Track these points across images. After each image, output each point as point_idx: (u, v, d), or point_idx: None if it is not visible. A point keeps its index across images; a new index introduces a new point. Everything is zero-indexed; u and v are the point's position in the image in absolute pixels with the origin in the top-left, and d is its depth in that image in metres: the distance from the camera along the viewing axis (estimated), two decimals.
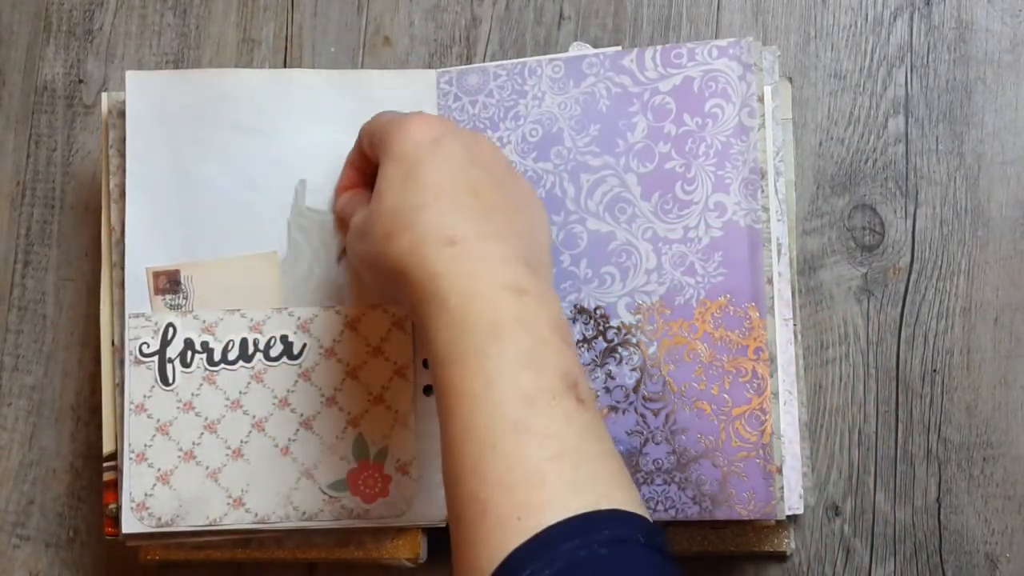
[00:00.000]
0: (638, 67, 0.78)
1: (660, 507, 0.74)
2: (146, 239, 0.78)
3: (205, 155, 0.79)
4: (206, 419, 0.77)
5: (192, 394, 0.77)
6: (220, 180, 0.79)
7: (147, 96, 0.79)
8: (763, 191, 0.76)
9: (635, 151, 0.78)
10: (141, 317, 0.78)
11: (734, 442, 0.74)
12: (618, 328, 0.76)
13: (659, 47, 0.78)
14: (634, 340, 0.76)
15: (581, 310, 0.77)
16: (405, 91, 0.80)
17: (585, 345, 0.76)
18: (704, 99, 0.77)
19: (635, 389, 0.76)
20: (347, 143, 0.78)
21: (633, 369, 0.76)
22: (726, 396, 0.75)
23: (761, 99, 0.77)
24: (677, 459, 0.75)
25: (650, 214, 0.77)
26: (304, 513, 0.76)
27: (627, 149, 0.78)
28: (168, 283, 0.78)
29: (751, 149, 0.76)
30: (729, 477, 0.74)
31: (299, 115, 0.79)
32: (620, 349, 0.76)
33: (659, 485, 0.75)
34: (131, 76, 0.80)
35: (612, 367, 0.76)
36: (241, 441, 0.77)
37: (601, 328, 0.77)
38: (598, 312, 0.77)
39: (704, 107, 0.77)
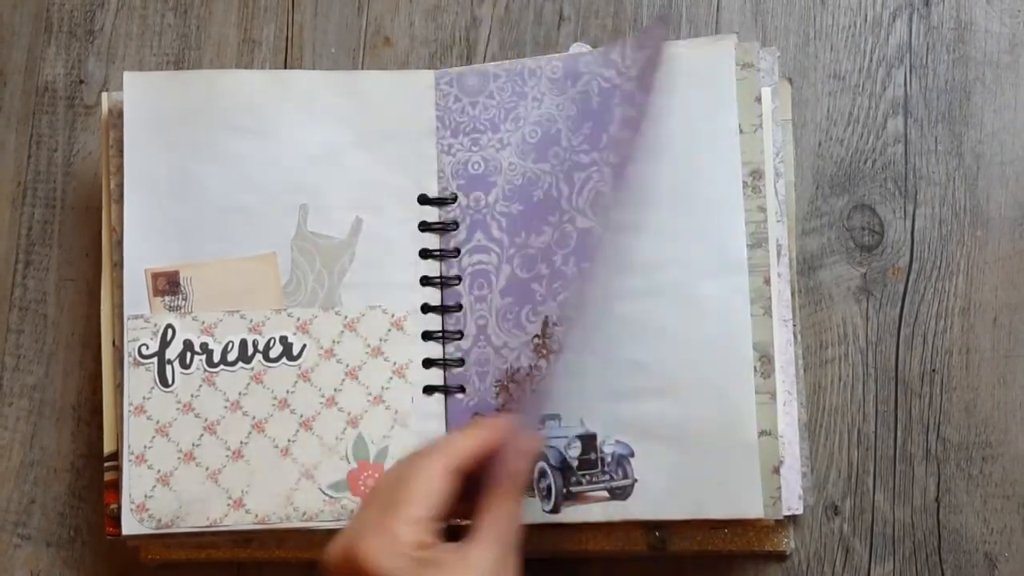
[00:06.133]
0: (622, 59, 0.77)
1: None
2: (144, 240, 0.78)
3: (203, 156, 0.79)
4: (206, 420, 0.77)
5: (191, 395, 0.77)
6: (218, 181, 0.79)
7: (145, 97, 0.79)
8: (760, 191, 0.76)
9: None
10: (140, 319, 0.78)
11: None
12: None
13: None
14: None
15: None
16: (403, 92, 0.80)
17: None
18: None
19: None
20: (345, 144, 0.79)
21: None
22: None
23: (759, 99, 0.76)
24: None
25: None
26: (304, 514, 0.76)
27: (610, 143, 0.77)
28: (167, 284, 0.78)
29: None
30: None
31: (297, 116, 0.79)
32: None
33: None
34: (128, 77, 0.80)
35: None
36: (241, 442, 0.77)
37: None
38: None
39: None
